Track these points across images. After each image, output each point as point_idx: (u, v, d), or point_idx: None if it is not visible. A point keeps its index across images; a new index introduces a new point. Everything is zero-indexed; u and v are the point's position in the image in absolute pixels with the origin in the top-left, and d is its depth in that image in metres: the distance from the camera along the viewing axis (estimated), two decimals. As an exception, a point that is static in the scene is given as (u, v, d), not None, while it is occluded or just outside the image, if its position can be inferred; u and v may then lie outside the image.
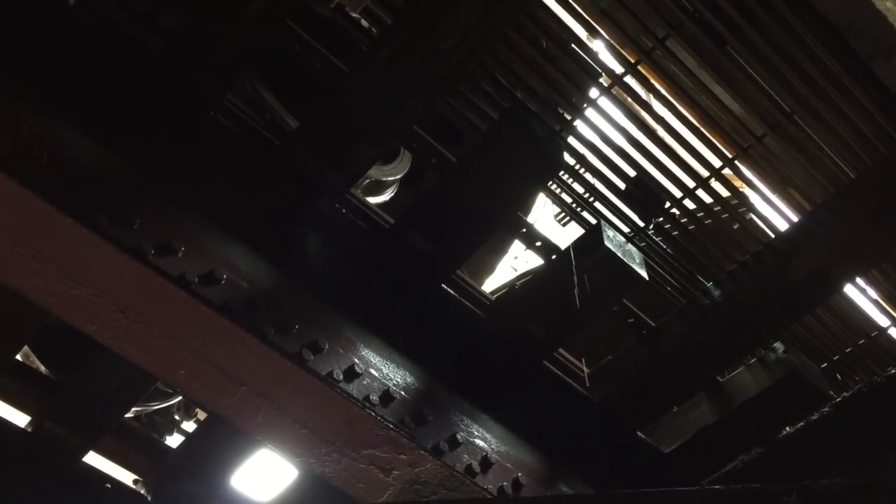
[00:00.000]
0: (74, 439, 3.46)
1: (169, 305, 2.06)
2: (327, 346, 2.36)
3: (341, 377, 2.32)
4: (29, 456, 3.37)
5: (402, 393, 2.51)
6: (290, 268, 2.49)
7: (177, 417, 4.70)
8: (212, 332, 2.10)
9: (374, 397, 2.36)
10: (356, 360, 2.42)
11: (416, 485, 2.33)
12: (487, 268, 5.15)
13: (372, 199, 3.53)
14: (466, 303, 2.92)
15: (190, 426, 4.82)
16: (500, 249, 5.21)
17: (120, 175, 2.22)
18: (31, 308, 2.88)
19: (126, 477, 3.70)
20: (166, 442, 4.32)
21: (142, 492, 3.50)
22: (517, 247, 7.26)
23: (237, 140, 2.59)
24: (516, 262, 8.28)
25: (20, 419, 3.46)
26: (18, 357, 3.56)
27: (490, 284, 5.39)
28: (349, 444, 2.28)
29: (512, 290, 3.89)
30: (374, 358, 2.52)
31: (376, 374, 2.47)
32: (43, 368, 3.84)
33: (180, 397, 4.40)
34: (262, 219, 2.55)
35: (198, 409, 4.79)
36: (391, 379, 2.50)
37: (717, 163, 3.26)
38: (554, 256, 2.95)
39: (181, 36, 2.46)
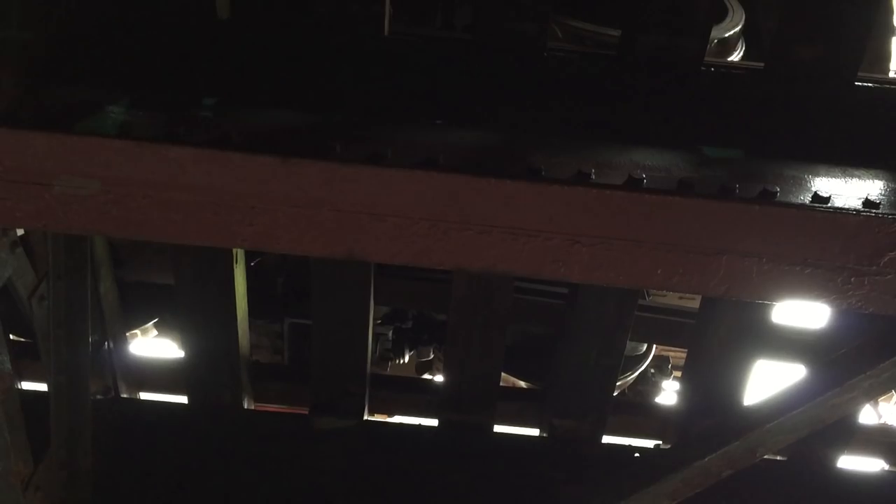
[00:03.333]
0: (584, 428, 3.57)
1: (609, 211, 2.01)
2: (779, 188, 2.15)
3: (813, 202, 2.09)
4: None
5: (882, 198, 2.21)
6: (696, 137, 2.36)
7: (654, 380, 4.67)
8: (658, 217, 2.01)
9: (858, 204, 2.09)
10: (818, 186, 2.19)
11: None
12: (883, 54, 4.36)
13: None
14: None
15: (668, 384, 4.78)
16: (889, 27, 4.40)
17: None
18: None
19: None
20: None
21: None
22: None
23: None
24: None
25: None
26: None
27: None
28: (859, 261, 2.02)
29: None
30: (831, 180, 2.27)
31: (846, 192, 2.20)
32: (522, 384, 4.05)
33: (649, 358, 4.35)
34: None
35: (671, 366, 4.73)
36: (866, 191, 2.22)
37: None
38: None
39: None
